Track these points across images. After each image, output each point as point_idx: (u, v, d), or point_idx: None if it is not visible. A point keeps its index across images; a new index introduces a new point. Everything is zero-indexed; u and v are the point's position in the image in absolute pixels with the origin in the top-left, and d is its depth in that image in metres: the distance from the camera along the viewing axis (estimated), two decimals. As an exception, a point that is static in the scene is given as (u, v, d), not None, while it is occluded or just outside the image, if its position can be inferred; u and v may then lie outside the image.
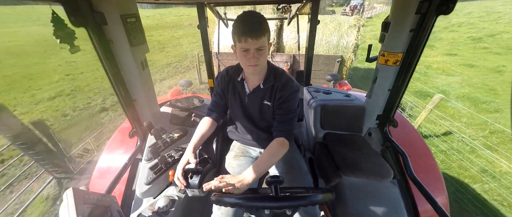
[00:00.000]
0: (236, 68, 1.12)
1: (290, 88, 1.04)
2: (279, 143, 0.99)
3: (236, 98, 1.15)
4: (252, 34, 0.85)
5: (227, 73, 1.14)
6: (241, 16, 0.90)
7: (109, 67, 1.04)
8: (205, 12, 1.69)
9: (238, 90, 1.13)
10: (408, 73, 1.14)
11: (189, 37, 13.36)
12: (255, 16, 0.89)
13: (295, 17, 2.21)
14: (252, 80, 1.09)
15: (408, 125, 1.68)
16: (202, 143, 1.10)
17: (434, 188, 1.30)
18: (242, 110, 1.16)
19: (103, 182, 1.38)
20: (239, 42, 0.89)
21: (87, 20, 0.90)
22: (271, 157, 0.95)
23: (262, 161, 0.93)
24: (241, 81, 1.10)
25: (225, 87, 1.15)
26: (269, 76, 1.06)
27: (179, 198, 1.07)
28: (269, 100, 1.09)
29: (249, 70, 0.98)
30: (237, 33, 0.88)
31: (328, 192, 0.78)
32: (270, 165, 0.96)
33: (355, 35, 4.80)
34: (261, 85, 1.07)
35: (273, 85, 1.07)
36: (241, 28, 0.87)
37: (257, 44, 0.88)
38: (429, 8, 0.93)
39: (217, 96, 1.19)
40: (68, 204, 0.66)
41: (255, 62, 0.92)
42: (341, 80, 3.39)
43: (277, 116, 1.07)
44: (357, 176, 1.20)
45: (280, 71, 1.08)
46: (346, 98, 1.72)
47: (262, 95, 1.09)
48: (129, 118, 1.24)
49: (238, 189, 0.83)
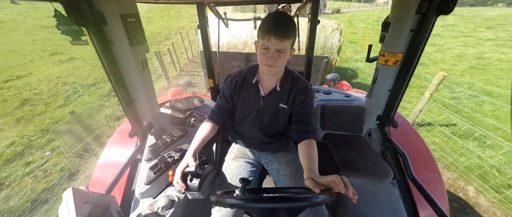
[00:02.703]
0: (251, 70, 1.10)
1: (309, 92, 1.07)
2: (313, 143, 1.02)
3: (249, 101, 1.12)
4: (276, 34, 0.84)
5: (240, 75, 1.12)
6: (272, 14, 0.90)
7: (109, 67, 1.04)
8: (205, 12, 1.69)
9: (252, 93, 1.10)
10: (408, 74, 1.14)
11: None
12: (285, 17, 0.88)
13: (295, 17, 2.21)
14: (267, 82, 1.08)
15: (408, 126, 1.67)
16: (203, 146, 1.08)
17: (433, 188, 1.30)
18: (256, 113, 1.14)
19: (103, 181, 1.38)
20: (262, 39, 0.88)
21: (87, 20, 0.90)
22: (315, 156, 0.96)
23: (312, 163, 0.92)
24: (256, 84, 1.08)
25: (235, 90, 1.12)
26: (286, 79, 1.06)
27: (178, 199, 1.07)
28: (286, 104, 1.08)
29: (264, 69, 0.97)
30: (262, 30, 0.88)
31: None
32: (317, 163, 0.96)
33: (338, 37, 5.17)
34: (278, 88, 1.06)
35: (291, 88, 1.06)
36: (267, 26, 0.86)
37: (279, 46, 0.86)
38: (429, 8, 0.93)
39: (223, 100, 1.16)
40: (68, 204, 0.66)
41: (272, 62, 0.90)
42: (341, 81, 3.40)
43: (299, 119, 1.09)
44: (357, 176, 1.19)
45: (297, 75, 1.09)
46: (346, 99, 1.72)
47: (278, 98, 1.08)
48: (129, 118, 1.24)
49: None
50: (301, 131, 1.07)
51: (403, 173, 1.25)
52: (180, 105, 1.69)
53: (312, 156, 0.96)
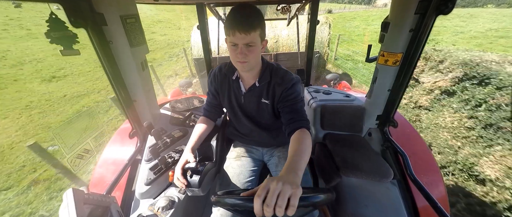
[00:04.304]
0: (230, 65, 1.06)
1: (289, 80, 0.99)
2: (302, 132, 0.88)
3: (232, 98, 1.11)
4: (240, 28, 0.80)
5: (221, 71, 1.09)
6: (235, 7, 0.84)
7: (109, 68, 1.04)
8: (205, 12, 1.69)
9: (233, 90, 1.09)
10: (408, 74, 1.14)
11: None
12: (248, 8, 0.83)
13: (295, 17, 2.22)
14: (247, 78, 1.05)
15: (408, 125, 1.67)
16: (200, 142, 1.08)
17: (434, 188, 1.30)
18: (240, 110, 1.13)
19: (103, 182, 1.38)
20: (228, 36, 0.85)
21: (87, 21, 0.90)
22: (305, 148, 0.79)
23: (297, 157, 0.74)
24: (237, 80, 1.06)
25: (219, 86, 1.11)
26: (264, 74, 1.01)
27: (179, 199, 1.07)
28: (266, 99, 1.05)
29: (237, 66, 0.94)
30: (226, 26, 0.83)
31: (329, 192, 0.78)
32: (307, 158, 0.78)
33: (327, 31, 5.15)
34: (256, 84, 1.03)
35: (269, 82, 1.02)
36: (230, 21, 0.81)
37: (246, 39, 0.82)
38: (429, 8, 0.93)
39: (210, 96, 1.16)
40: (68, 205, 0.66)
41: (243, 58, 0.86)
42: (341, 81, 3.40)
43: (286, 109, 0.99)
44: (357, 176, 1.19)
45: (275, 67, 1.03)
46: (346, 99, 1.72)
47: (258, 93, 1.05)
48: (129, 119, 1.25)
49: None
50: (290, 119, 0.96)
51: (403, 172, 1.25)
52: (180, 106, 1.69)
53: (293, 152, 0.79)
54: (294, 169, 0.67)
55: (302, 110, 0.99)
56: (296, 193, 0.57)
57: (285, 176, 0.63)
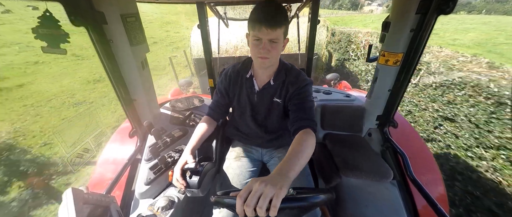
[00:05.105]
0: (244, 64, 1.08)
1: (303, 80, 1.01)
2: (306, 133, 0.86)
3: (244, 96, 1.11)
4: (267, 23, 0.80)
5: (234, 70, 1.10)
6: (261, 2, 0.85)
7: (109, 67, 1.04)
8: (205, 12, 1.68)
9: (246, 88, 1.09)
10: (408, 74, 1.14)
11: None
12: (275, 5, 0.83)
13: (295, 17, 2.21)
14: (261, 76, 1.06)
15: (408, 126, 1.67)
16: (201, 143, 1.08)
17: (433, 189, 1.30)
18: (250, 108, 1.13)
19: (103, 182, 1.38)
20: (253, 30, 0.85)
21: (87, 20, 0.90)
22: (304, 150, 0.76)
23: (293, 159, 0.71)
24: (250, 78, 1.07)
25: (230, 85, 1.11)
26: (280, 73, 1.03)
27: (178, 199, 1.07)
28: (279, 98, 1.06)
29: (257, 62, 0.94)
30: (252, 20, 0.84)
31: (329, 192, 0.77)
32: (305, 160, 0.74)
33: (325, 33, 5.29)
34: (271, 82, 1.03)
35: (284, 81, 1.03)
36: (256, 15, 0.82)
37: (271, 35, 0.83)
38: (430, 8, 0.93)
39: (219, 95, 1.16)
40: (67, 204, 0.66)
41: (265, 54, 0.87)
42: (341, 81, 3.40)
43: (294, 106, 0.99)
44: (357, 176, 1.19)
45: (290, 67, 1.05)
46: (346, 99, 1.72)
47: (272, 92, 1.06)
48: (129, 118, 1.24)
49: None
50: (296, 117, 0.95)
51: (403, 173, 1.25)
52: (180, 105, 1.69)
53: (290, 153, 0.75)
54: (285, 170, 0.67)
55: (311, 111, 0.99)
56: (279, 194, 0.57)
57: (272, 177, 0.63)
